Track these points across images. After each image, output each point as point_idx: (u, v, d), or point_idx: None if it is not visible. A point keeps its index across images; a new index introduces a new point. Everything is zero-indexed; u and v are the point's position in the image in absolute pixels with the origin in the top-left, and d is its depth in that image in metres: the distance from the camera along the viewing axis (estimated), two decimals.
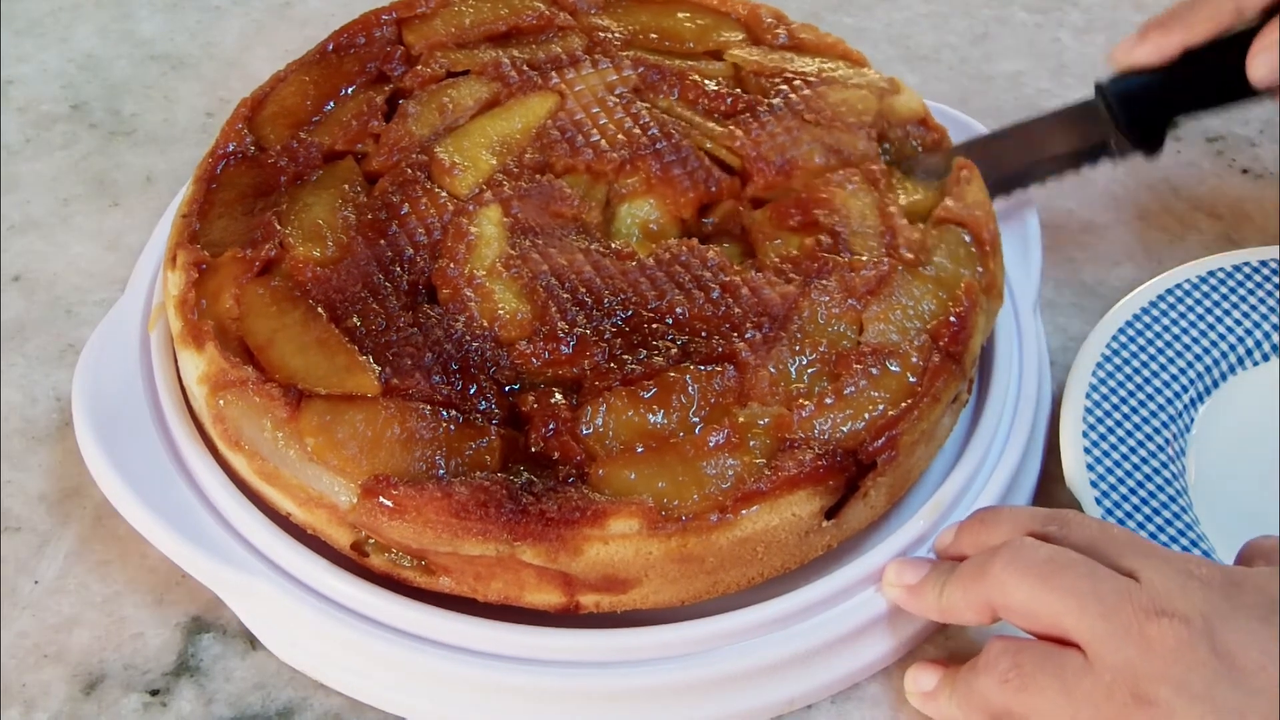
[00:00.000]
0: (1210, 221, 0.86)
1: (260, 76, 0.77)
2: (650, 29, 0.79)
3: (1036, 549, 0.54)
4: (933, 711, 0.59)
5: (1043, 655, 0.53)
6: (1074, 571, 0.53)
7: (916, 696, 0.60)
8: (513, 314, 0.64)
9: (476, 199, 0.69)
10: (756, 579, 0.61)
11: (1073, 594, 0.52)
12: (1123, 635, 0.51)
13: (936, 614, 0.58)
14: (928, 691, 0.59)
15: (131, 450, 0.63)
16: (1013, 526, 0.58)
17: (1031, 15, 1.02)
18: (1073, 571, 0.53)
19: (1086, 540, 0.55)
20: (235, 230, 0.68)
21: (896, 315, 0.64)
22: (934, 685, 0.59)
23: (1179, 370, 0.71)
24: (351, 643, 0.59)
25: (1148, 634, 0.50)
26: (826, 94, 0.74)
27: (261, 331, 0.63)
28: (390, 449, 0.58)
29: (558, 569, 0.57)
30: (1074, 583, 0.52)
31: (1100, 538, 0.55)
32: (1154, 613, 0.50)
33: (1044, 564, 0.54)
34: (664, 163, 0.71)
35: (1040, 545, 0.55)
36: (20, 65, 0.95)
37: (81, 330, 0.76)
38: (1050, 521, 0.57)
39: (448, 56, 0.76)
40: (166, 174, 0.87)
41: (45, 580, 0.65)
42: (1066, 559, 0.54)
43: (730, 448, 0.59)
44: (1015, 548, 0.55)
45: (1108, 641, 0.51)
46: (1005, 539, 0.56)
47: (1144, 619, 0.50)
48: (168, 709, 0.61)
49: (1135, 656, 0.50)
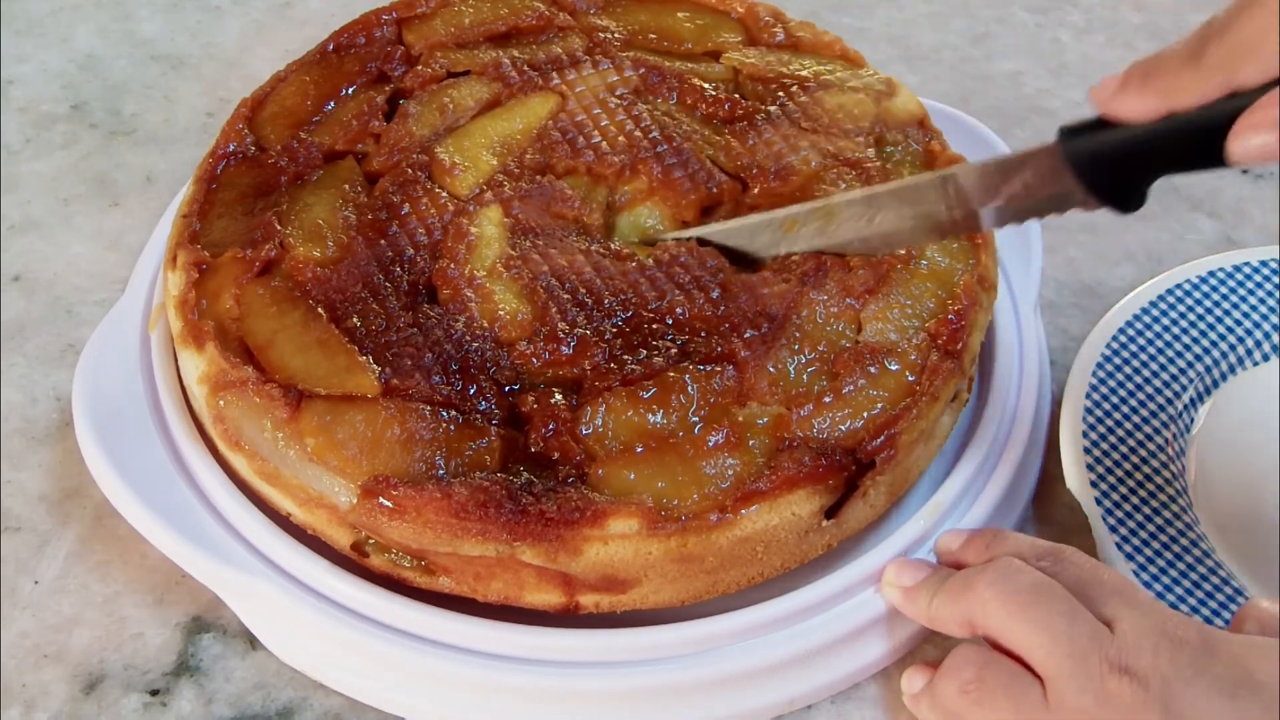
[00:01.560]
0: (1210, 221, 0.86)
1: (260, 76, 0.77)
2: (650, 29, 0.79)
3: (1021, 573, 0.55)
4: (917, 713, 0.59)
5: (1007, 677, 0.54)
6: (1053, 607, 0.53)
7: (908, 698, 0.60)
8: (513, 314, 0.64)
9: (477, 199, 0.69)
10: (756, 579, 0.61)
11: (1046, 629, 0.53)
12: (1083, 682, 0.51)
13: (925, 621, 0.59)
14: (914, 694, 0.59)
15: (131, 450, 0.63)
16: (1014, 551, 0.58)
17: (1031, 15, 1.02)
18: (1052, 606, 0.53)
19: (1075, 578, 0.55)
20: (235, 230, 0.68)
21: (895, 314, 0.64)
22: (921, 687, 0.59)
23: (1179, 370, 0.71)
24: (351, 643, 0.59)
25: (1107, 687, 0.51)
26: (823, 99, 0.74)
27: (262, 332, 0.63)
28: (390, 449, 0.58)
29: (557, 569, 0.57)
30: (1050, 618, 0.53)
31: (1090, 579, 0.55)
32: (1118, 668, 0.51)
33: (1026, 591, 0.54)
34: (665, 166, 0.71)
35: (1027, 570, 0.55)
36: (20, 65, 0.95)
37: (82, 330, 0.76)
38: (1046, 555, 0.57)
39: (448, 56, 0.76)
40: (167, 174, 0.87)
41: (45, 580, 0.65)
42: (1050, 591, 0.54)
43: (730, 447, 0.59)
44: (1002, 569, 0.55)
45: (1069, 683, 0.52)
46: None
47: (1106, 671, 0.51)
48: (168, 709, 0.61)
49: (1091, 705, 0.51)
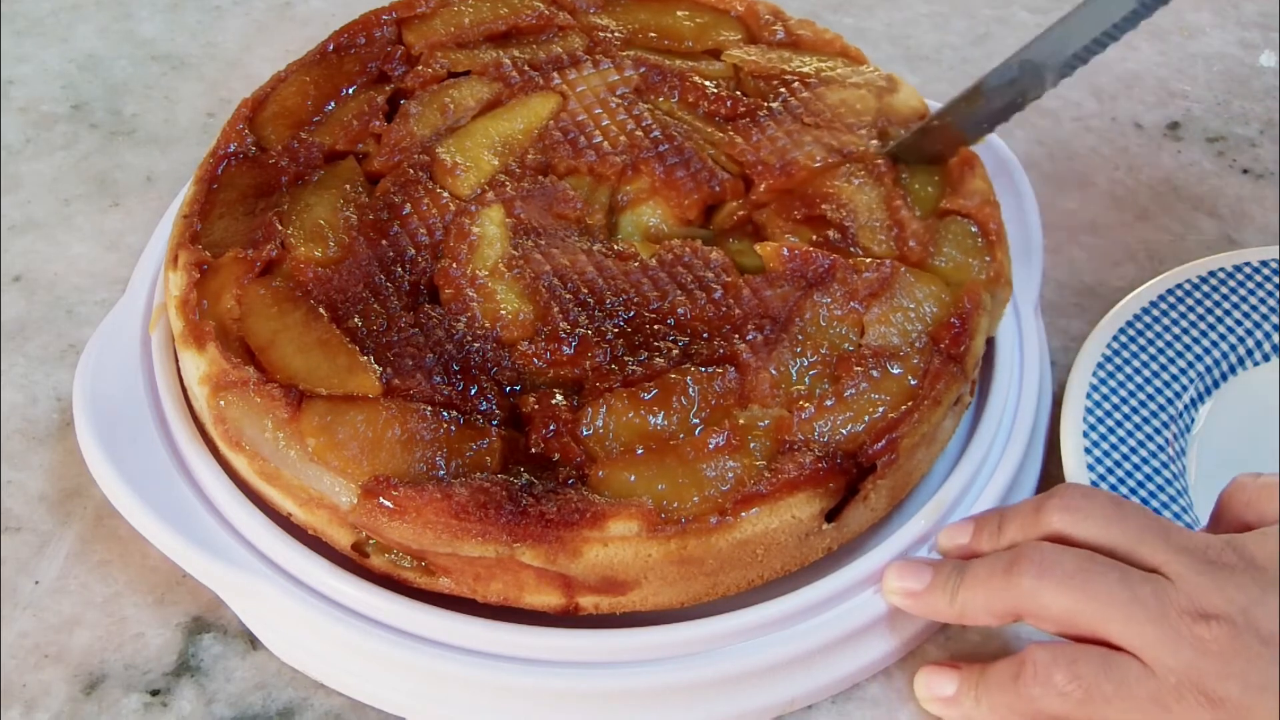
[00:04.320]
0: (1210, 221, 0.86)
1: (261, 77, 0.77)
2: (650, 28, 0.79)
3: (1062, 556, 0.55)
4: (955, 716, 0.59)
5: (1100, 664, 0.53)
6: (1106, 578, 0.53)
7: (934, 701, 0.59)
8: (515, 314, 0.64)
9: (479, 199, 0.69)
10: (756, 581, 0.61)
11: (1112, 601, 0.53)
12: (1176, 639, 0.52)
13: (950, 618, 0.58)
14: (948, 696, 0.59)
15: (132, 450, 0.63)
16: (1020, 528, 0.58)
17: (1032, 15, 1.02)
18: (1106, 578, 0.53)
19: (1101, 532, 0.55)
20: (236, 231, 0.68)
21: (898, 318, 0.64)
22: (954, 690, 0.59)
23: (1179, 370, 0.71)
24: (351, 643, 0.59)
25: (1199, 635, 0.51)
26: (825, 95, 0.74)
27: (263, 332, 0.63)
28: (391, 450, 0.58)
29: (557, 570, 0.57)
30: (1110, 589, 0.53)
31: (1114, 527, 0.55)
32: (1198, 615, 0.52)
33: (1076, 573, 0.54)
34: (667, 165, 0.71)
35: (1064, 551, 0.55)
36: (21, 65, 0.95)
37: (82, 330, 0.76)
38: (1050, 505, 0.57)
39: (448, 56, 0.76)
40: (167, 174, 0.87)
41: (46, 580, 0.65)
42: (1095, 566, 0.54)
43: (730, 450, 0.59)
44: (1040, 559, 0.55)
45: (1163, 646, 0.52)
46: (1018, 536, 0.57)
47: (1190, 622, 0.51)
48: (168, 709, 0.61)
49: (1195, 658, 0.51)
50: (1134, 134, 0.92)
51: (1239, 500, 0.58)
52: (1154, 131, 0.92)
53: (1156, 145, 0.91)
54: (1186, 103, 0.95)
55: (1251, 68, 0.98)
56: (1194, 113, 0.94)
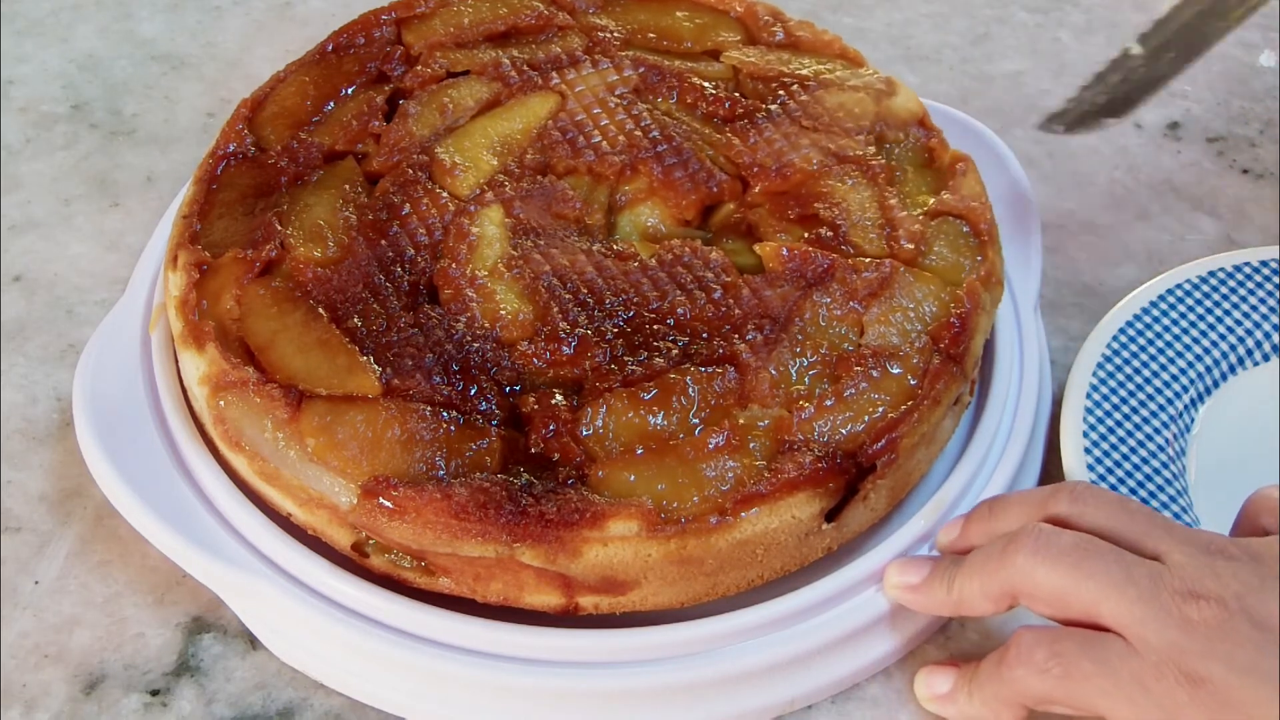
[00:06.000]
0: (1210, 221, 0.86)
1: (260, 77, 0.77)
2: (649, 28, 0.79)
3: (1060, 535, 0.54)
4: (951, 713, 0.59)
5: (1082, 641, 0.53)
6: (1103, 558, 0.53)
7: (932, 700, 0.59)
8: (514, 314, 0.64)
9: (478, 199, 0.69)
10: (756, 581, 0.61)
11: (1107, 580, 0.52)
12: (1163, 617, 0.51)
13: (948, 608, 0.58)
14: (944, 694, 0.59)
15: (132, 450, 0.63)
16: (1023, 511, 0.58)
17: (1032, 15, 1.02)
18: (1101, 558, 0.53)
19: (1105, 521, 0.55)
20: (236, 231, 0.68)
21: (897, 318, 0.64)
22: (950, 687, 0.59)
23: (1179, 370, 0.71)
24: (351, 643, 0.59)
25: (1187, 615, 0.51)
26: (824, 98, 0.74)
27: (262, 332, 0.63)
28: (390, 450, 0.58)
29: (557, 570, 0.57)
30: (1105, 569, 0.53)
31: (1119, 518, 0.55)
32: (1190, 595, 0.51)
33: (1072, 551, 0.54)
34: (665, 165, 0.71)
35: (1062, 532, 0.55)
36: (21, 65, 0.95)
37: (82, 330, 0.76)
38: (1058, 496, 0.57)
39: (447, 56, 0.76)
40: (167, 174, 0.87)
41: (46, 580, 0.65)
42: (1093, 546, 0.54)
43: (730, 449, 0.59)
44: (1037, 536, 0.55)
45: (1149, 624, 0.51)
46: (1017, 525, 0.57)
47: (1180, 602, 0.51)
48: (168, 709, 0.61)
49: (1179, 637, 0.51)
50: (1134, 134, 0.92)
51: (1263, 509, 0.57)
52: (1154, 131, 0.92)
53: (1156, 145, 0.91)
54: (1186, 103, 0.95)
55: (1251, 68, 0.98)
56: (1194, 113, 0.94)
